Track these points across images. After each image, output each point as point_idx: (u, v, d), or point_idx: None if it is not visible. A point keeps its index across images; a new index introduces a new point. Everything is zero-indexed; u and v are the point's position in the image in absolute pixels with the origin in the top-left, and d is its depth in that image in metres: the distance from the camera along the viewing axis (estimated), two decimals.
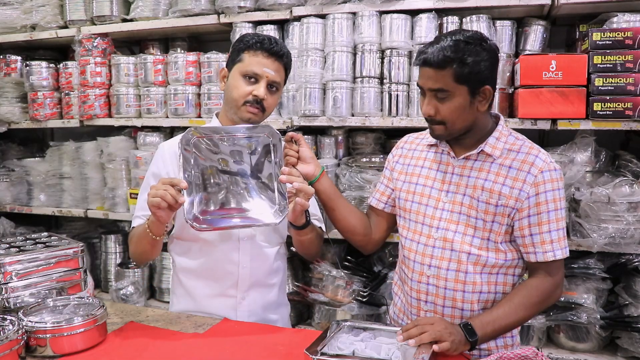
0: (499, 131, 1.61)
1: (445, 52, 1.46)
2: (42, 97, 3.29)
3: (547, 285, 1.56)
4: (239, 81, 1.72)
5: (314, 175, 1.73)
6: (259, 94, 1.71)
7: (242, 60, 1.73)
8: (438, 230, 1.62)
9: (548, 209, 1.53)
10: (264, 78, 1.71)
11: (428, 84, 1.52)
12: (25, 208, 3.43)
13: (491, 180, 1.57)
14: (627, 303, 2.35)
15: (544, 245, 1.54)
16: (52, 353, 1.43)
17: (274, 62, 1.73)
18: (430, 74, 1.51)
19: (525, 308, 1.54)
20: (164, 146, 1.85)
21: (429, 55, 1.49)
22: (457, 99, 1.50)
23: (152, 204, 1.50)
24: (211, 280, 1.80)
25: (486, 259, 1.57)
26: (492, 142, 1.59)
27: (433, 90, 1.52)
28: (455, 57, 1.46)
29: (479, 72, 1.48)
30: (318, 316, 2.74)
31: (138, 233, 1.72)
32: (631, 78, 2.18)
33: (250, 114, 1.72)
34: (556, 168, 1.56)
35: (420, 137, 1.79)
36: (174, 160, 1.75)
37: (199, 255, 1.80)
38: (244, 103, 1.72)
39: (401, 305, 1.77)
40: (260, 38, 1.74)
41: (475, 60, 1.46)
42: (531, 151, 1.57)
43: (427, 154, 1.72)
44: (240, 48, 1.75)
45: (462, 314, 1.61)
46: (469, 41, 1.48)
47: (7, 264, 1.59)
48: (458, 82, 1.48)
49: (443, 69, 1.48)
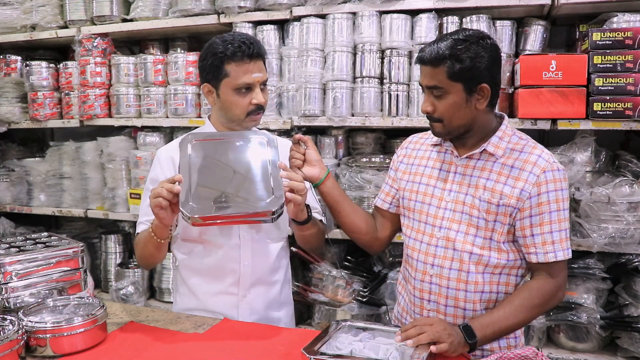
0: (502, 131, 1.60)
1: (440, 50, 1.48)
2: (42, 97, 3.29)
3: (548, 287, 1.56)
4: (235, 97, 1.71)
5: (319, 178, 1.73)
6: (259, 101, 1.72)
7: (229, 74, 1.69)
8: (441, 229, 1.62)
9: (550, 210, 1.52)
10: (256, 84, 1.71)
11: (425, 81, 1.55)
12: (25, 208, 3.43)
13: (493, 179, 1.57)
14: (627, 303, 2.35)
15: (545, 246, 1.53)
16: (52, 353, 1.43)
17: (256, 63, 1.71)
18: (427, 72, 1.53)
19: (526, 310, 1.53)
20: (160, 152, 1.86)
21: (426, 53, 1.52)
22: (451, 96, 1.51)
23: (154, 205, 1.52)
24: (213, 278, 1.81)
25: (488, 258, 1.57)
26: (495, 141, 1.59)
27: (429, 88, 1.54)
28: (448, 55, 1.47)
29: (473, 70, 1.48)
30: (318, 316, 2.74)
31: (143, 238, 1.73)
32: (631, 78, 2.18)
33: (254, 121, 1.77)
34: (559, 168, 1.55)
35: (425, 137, 1.79)
36: (171, 165, 1.79)
37: (201, 254, 1.81)
38: (247, 114, 1.73)
39: (405, 305, 1.77)
40: (236, 45, 1.67)
41: (469, 57, 1.47)
42: (534, 151, 1.57)
43: (430, 154, 1.72)
44: (219, 61, 1.69)
45: (464, 313, 1.61)
46: (467, 39, 1.48)
47: (7, 264, 1.59)
48: (452, 79, 1.49)
49: (437, 67, 1.49)
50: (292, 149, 1.73)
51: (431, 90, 1.53)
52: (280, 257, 1.89)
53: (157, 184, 1.61)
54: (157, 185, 1.61)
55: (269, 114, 2.75)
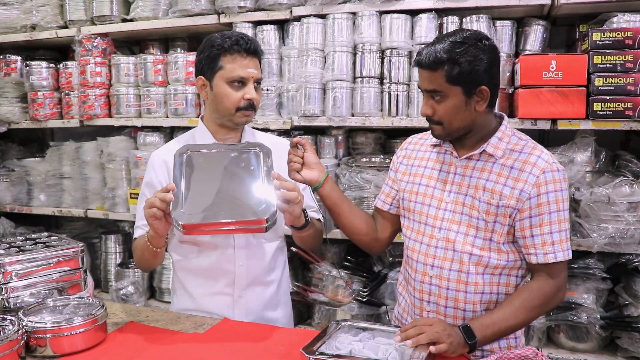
0: (501, 131, 1.60)
1: (438, 54, 1.47)
2: (42, 97, 3.29)
3: (549, 287, 1.55)
4: (227, 89, 1.71)
5: (317, 181, 1.72)
6: (251, 97, 1.72)
7: (223, 67, 1.71)
8: (440, 230, 1.62)
9: (550, 210, 1.52)
10: (250, 79, 1.72)
11: (424, 85, 1.54)
12: (25, 208, 3.43)
13: (492, 180, 1.56)
14: (627, 303, 2.35)
15: (544, 247, 1.53)
16: (52, 353, 1.43)
17: (252, 60, 1.73)
18: (425, 76, 1.52)
19: (526, 311, 1.53)
20: (153, 156, 1.87)
21: (423, 57, 1.51)
22: (451, 99, 1.50)
23: (148, 215, 1.53)
24: (208, 279, 1.81)
25: (488, 259, 1.57)
26: (494, 142, 1.58)
27: (428, 91, 1.53)
28: (446, 59, 1.46)
29: (472, 73, 1.47)
30: (318, 316, 2.74)
31: (140, 245, 1.76)
32: (631, 78, 2.18)
33: (245, 117, 1.76)
34: (559, 169, 1.54)
35: (425, 137, 1.78)
36: (164, 169, 1.80)
37: (197, 256, 1.81)
38: (237, 109, 1.73)
39: (405, 305, 1.76)
40: (234, 39, 1.70)
41: (467, 60, 1.46)
42: (534, 151, 1.56)
43: (430, 154, 1.71)
44: (215, 54, 1.71)
45: (464, 314, 1.60)
46: (464, 42, 1.47)
47: (7, 264, 1.59)
48: (451, 83, 1.48)
49: (435, 71, 1.48)
50: (290, 152, 1.72)
51: (430, 93, 1.53)
52: (276, 256, 1.88)
53: (152, 188, 1.68)
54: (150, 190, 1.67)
55: (269, 114, 2.75)
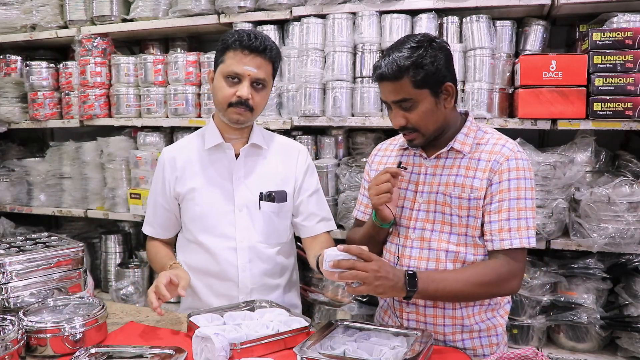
0: (467, 127, 1.62)
1: (399, 62, 1.47)
2: (42, 97, 3.29)
3: (503, 270, 1.51)
4: (222, 83, 1.70)
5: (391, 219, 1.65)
6: (242, 95, 1.68)
7: (224, 61, 1.70)
8: (415, 230, 1.63)
9: (510, 197, 1.52)
10: (246, 77, 1.69)
11: (390, 97, 1.53)
12: (25, 208, 3.43)
13: (462, 175, 1.58)
14: (627, 303, 2.35)
15: (501, 233, 1.52)
16: (52, 353, 1.44)
17: (255, 59, 1.68)
18: (390, 88, 1.52)
19: (474, 285, 1.49)
20: (164, 152, 1.91)
21: (384, 69, 1.50)
22: (422, 104, 1.51)
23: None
24: (214, 280, 1.82)
25: (465, 255, 1.57)
26: (460, 138, 1.60)
27: (396, 102, 1.53)
28: (409, 65, 1.47)
29: (436, 72, 1.49)
30: (318, 316, 2.74)
31: (152, 257, 1.94)
32: (631, 78, 2.18)
33: (238, 115, 1.73)
34: (523, 158, 1.55)
35: (394, 142, 1.80)
36: (174, 164, 1.84)
37: (201, 257, 1.82)
38: (229, 105, 1.70)
39: (385, 307, 1.77)
40: (239, 35, 1.68)
41: (429, 62, 1.47)
42: (498, 141, 1.59)
43: (400, 158, 1.72)
44: (222, 48, 1.72)
45: (444, 313, 1.60)
46: (420, 45, 1.49)
47: (7, 264, 1.59)
48: (418, 87, 1.49)
49: (400, 79, 1.48)
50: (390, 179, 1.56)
51: (399, 104, 1.53)
52: (281, 261, 1.88)
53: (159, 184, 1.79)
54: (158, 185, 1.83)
55: (269, 113, 2.75)
